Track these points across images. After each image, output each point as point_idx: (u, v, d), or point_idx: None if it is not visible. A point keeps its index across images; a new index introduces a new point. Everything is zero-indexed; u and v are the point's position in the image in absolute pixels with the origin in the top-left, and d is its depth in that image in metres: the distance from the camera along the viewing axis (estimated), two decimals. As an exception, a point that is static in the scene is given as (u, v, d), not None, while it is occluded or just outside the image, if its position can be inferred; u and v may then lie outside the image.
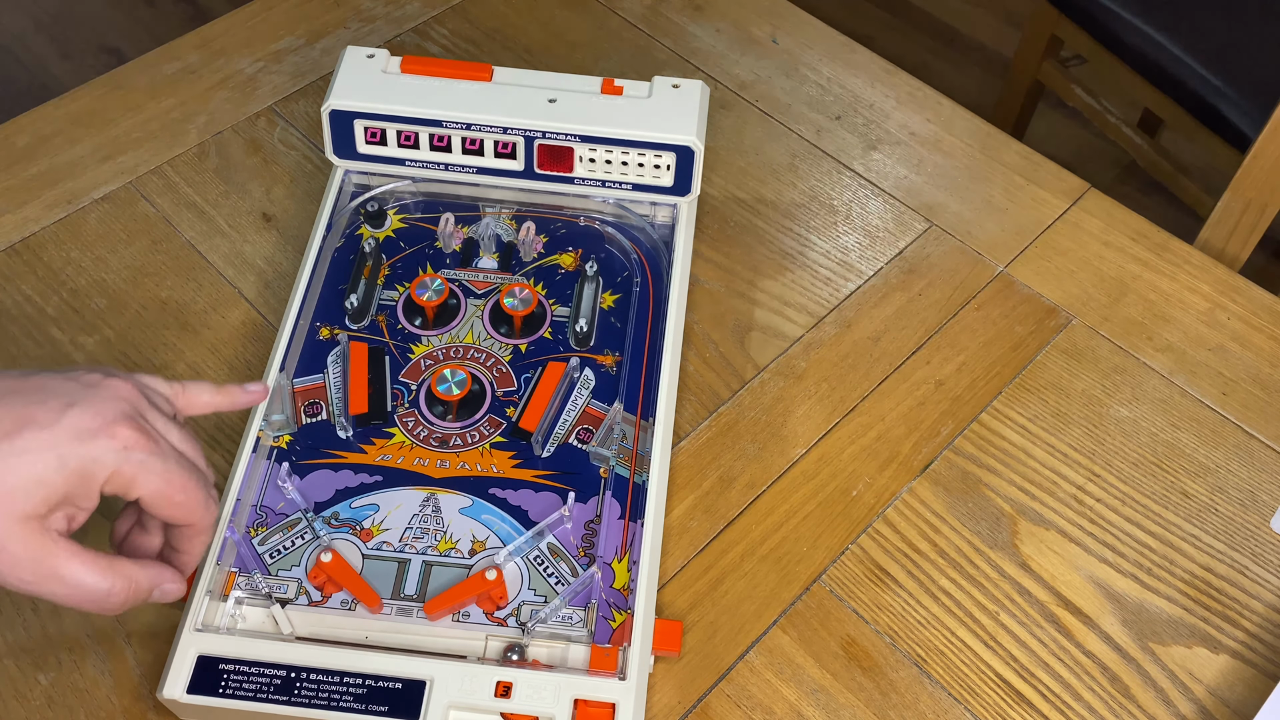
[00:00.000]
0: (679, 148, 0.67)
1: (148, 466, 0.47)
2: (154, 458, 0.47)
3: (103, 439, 0.46)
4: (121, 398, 0.47)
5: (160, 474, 0.47)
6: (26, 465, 0.44)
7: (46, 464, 0.44)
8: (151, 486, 0.47)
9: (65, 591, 0.46)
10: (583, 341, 0.65)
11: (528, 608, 0.55)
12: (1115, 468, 0.64)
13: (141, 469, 0.46)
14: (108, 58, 1.95)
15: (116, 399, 0.47)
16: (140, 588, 0.48)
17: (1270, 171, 0.88)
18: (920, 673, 0.57)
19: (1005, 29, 1.99)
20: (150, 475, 0.47)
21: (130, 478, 0.46)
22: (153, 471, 0.47)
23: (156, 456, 0.47)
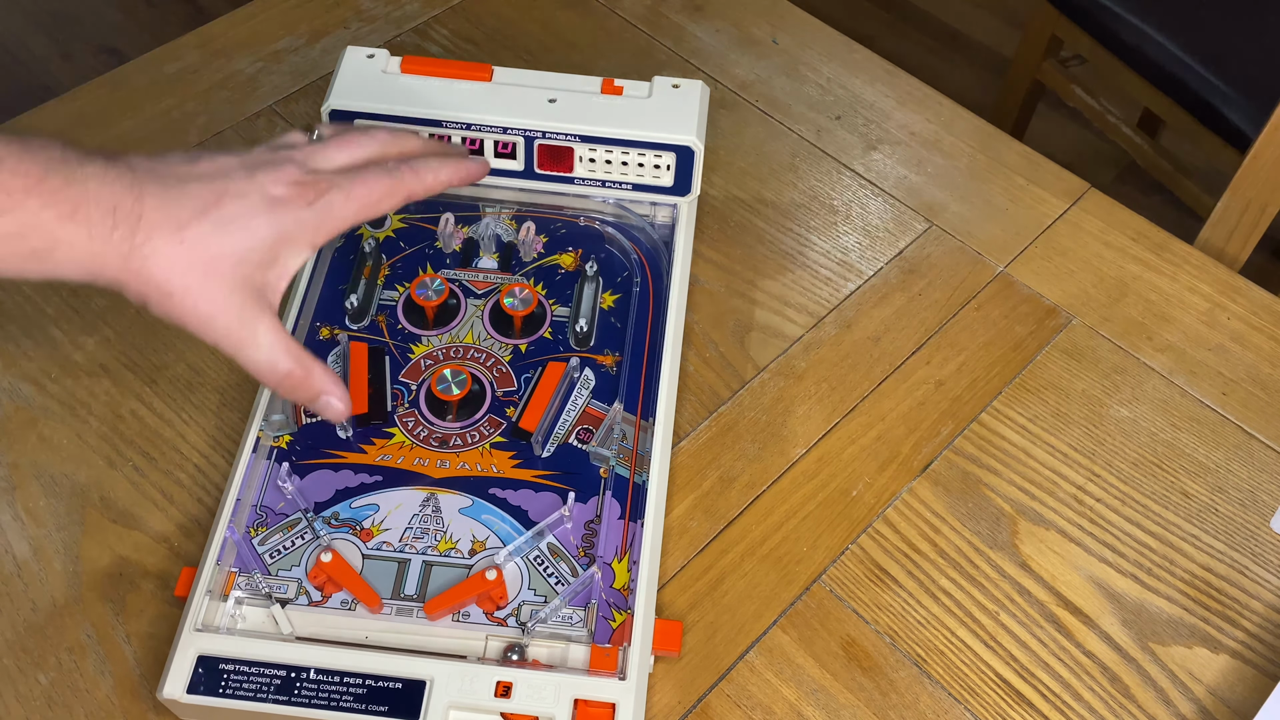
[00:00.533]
0: (679, 148, 0.67)
1: (336, 203, 0.52)
2: (336, 192, 0.52)
3: (293, 201, 0.51)
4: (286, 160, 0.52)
5: (350, 198, 0.52)
6: (237, 231, 0.49)
7: (253, 230, 0.50)
8: (350, 212, 0.52)
9: (255, 356, 0.50)
10: (583, 341, 0.65)
11: (528, 608, 0.55)
12: (1115, 468, 0.64)
13: (332, 207, 0.52)
14: (108, 58, 1.95)
15: (285, 161, 0.52)
16: (313, 386, 0.52)
17: (1270, 171, 0.88)
18: (920, 673, 0.57)
19: (1005, 29, 1.99)
20: (345, 205, 0.52)
21: (330, 219, 0.52)
22: (344, 202, 0.52)
23: (337, 190, 0.52)
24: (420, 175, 0.56)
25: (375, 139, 0.56)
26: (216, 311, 0.49)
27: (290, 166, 0.52)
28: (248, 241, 0.49)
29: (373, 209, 0.53)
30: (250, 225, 0.49)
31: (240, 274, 0.49)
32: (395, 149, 0.57)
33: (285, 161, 0.52)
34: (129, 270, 0.48)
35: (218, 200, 0.49)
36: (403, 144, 0.57)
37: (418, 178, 0.56)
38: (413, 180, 0.55)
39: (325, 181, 0.52)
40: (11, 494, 0.62)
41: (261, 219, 0.50)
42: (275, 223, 0.50)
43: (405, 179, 0.55)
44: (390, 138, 0.57)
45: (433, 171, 0.56)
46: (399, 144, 0.57)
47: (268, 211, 0.50)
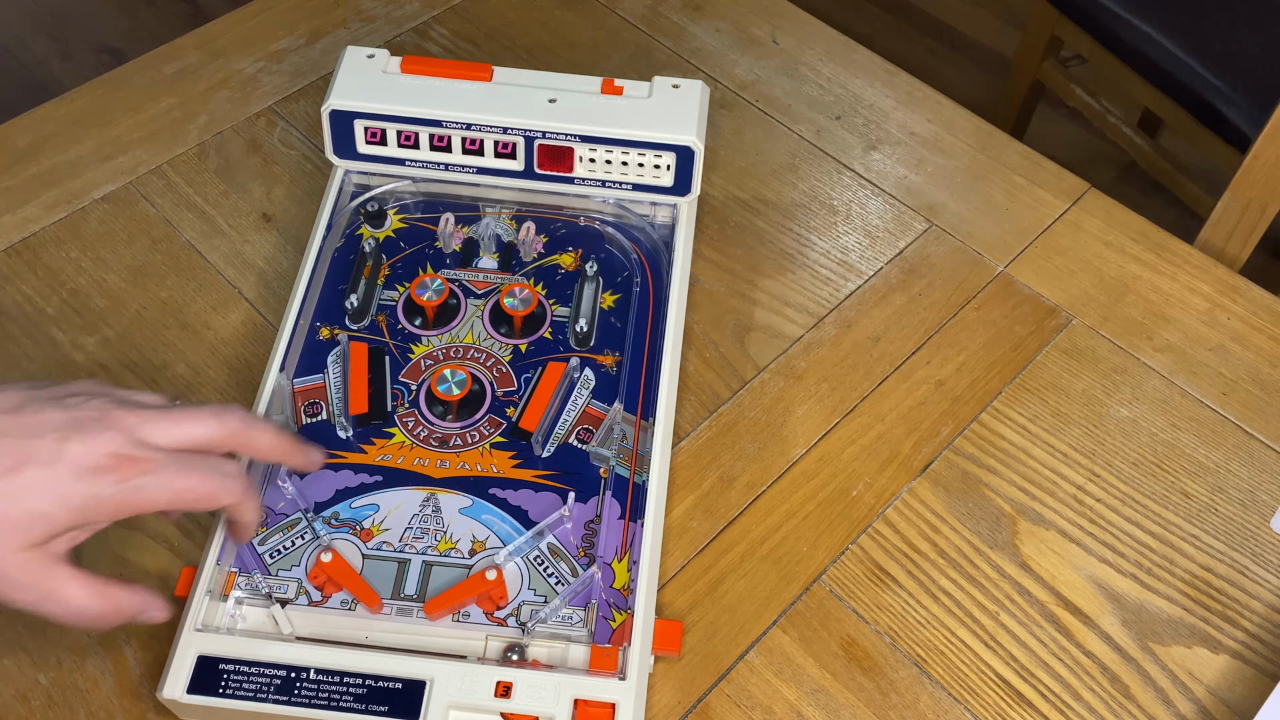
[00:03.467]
0: (679, 148, 0.67)
1: (148, 488, 0.48)
2: (153, 476, 0.48)
3: (102, 475, 0.47)
4: (112, 425, 0.48)
5: (166, 488, 0.48)
6: (30, 501, 0.46)
7: (50, 501, 0.46)
8: (161, 501, 0.48)
9: (60, 611, 0.48)
10: (583, 341, 0.65)
11: (528, 608, 0.55)
12: (1115, 468, 0.64)
13: (143, 492, 0.48)
14: (108, 58, 1.95)
15: (107, 428, 0.48)
16: (126, 612, 0.50)
17: (1270, 171, 0.88)
18: (920, 673, 0.57)
19: (1005, 29, 1.99)
20: (157, 493, 0.48)
21: (137, 503, 0.48)
22: (157, 489, 0.48)
23: (154, 474, 0.48)
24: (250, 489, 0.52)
25: (225, 423, 0.51)
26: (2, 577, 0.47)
27: (113, 435, 0.48)
28: (38, 512, 0.46)
29: (187, 505, 0.50)
30: (46, 497, 0.46)
31: (24, 539, 0.46)
32: (242, 437, 0.52)
33: (110, 428, 0.48)
34: None
35: (18, 466, 0.46)
36: (251, 434, 0.52)
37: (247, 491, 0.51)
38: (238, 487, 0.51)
39: (148, 460, 0.48)
40: (11, 494, 0.62)
41: (60, 491, 0.46)
42: (74, 496, 0.46)
43: (233, 486, 0.50)
44: (241, 424, 0.51)
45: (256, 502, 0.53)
46: (247, 432, 0.52)
47: (71, 482, 0.46)
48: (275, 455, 0.54)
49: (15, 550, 0.46)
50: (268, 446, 0.53)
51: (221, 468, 0.50)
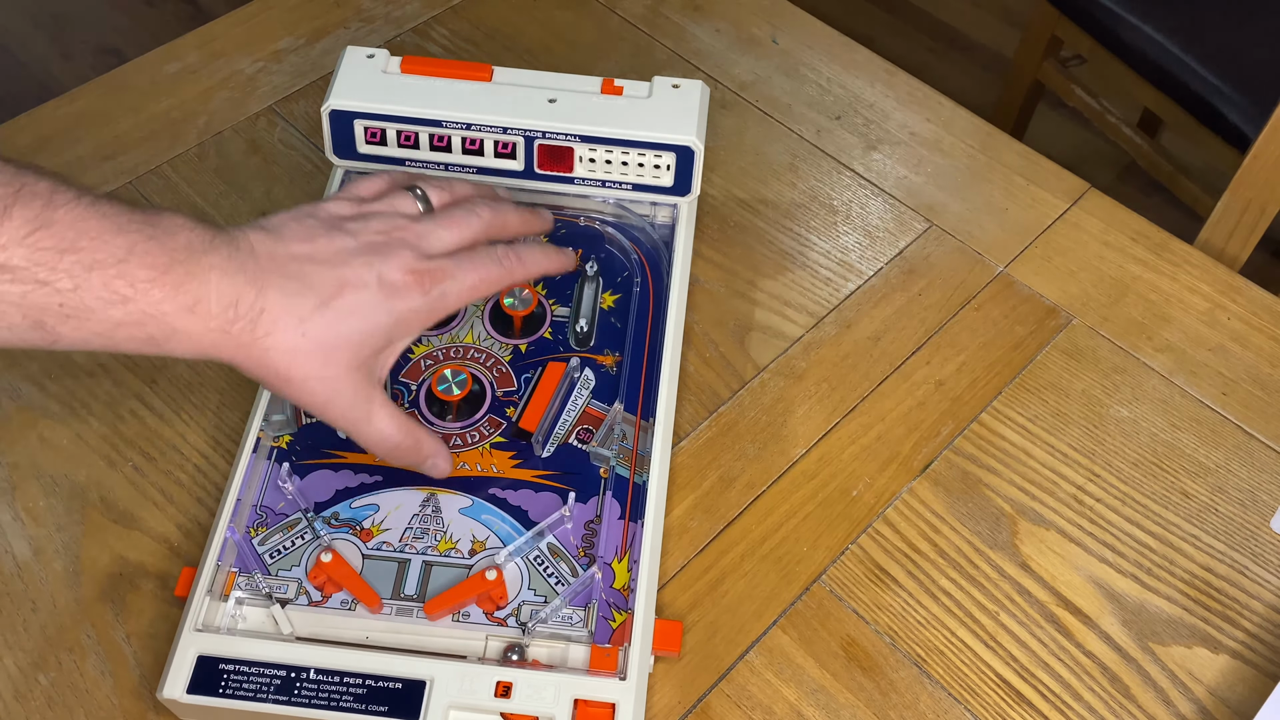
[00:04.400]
0: (679, 148, 0.67)
1: (450, 293, 0.54)
2: (451, 282, 0.54)
3: (409, 290, 0.52)
4: (401, 245, 0.53)
5: (464, 288, 0.54)
6: (356, 321, 0.51)
7: (373, 319, 0.51)
8: (462, 300, 0.55)
9: (371, 435, 0.53)
10: (583, 341, 0.65)
11: (528, 608, 0.55)
12: (1115, 468, 0.64)
13: (446, 298, 0.54)
14: (108, 58, 1.95)
15: (399, 248, 0.53)
16: (422, 452, 0.55)
17: (1270, 171, 0.88)
18: (920, 673, 0.57)
19: (1005, 29, 1.99)
20: (458, 295, 0.54)
21: (442, 308, 0.54)
22: (458, 291, 0.54)
23: (452, 279, 0.54)
24: (525, 263, 0.58)
25: (480, 217, 0.57)
26: (333, 395, 0.51)
27: (406, 253, 0.53)
28: (365, 330, 0.51)
29: (481, 294, 0.56)
30: (368, 314, 0.51)
31: (356, 359, 0.51)
32: (498, 225, 0.58)
33: (400, 246, 0.53)
34: (250, 358, 0.49)
35: (338, 290, 0.50)
36: (503, 219, 0.59)
37: (523, 266, 0.58)
38: (519, 268, 0.57)
39: (440, 270, 0.53)
40: (11, 494, 0.62)
41: (380, 308, 0.51)
42: (392, 310, 0.52)
43: (513, 267, 0.57)
44: (493, 215, 0.58)
45: (535, 260, 0.59)
46: (500, 220, 0.59)
47: (386, 300, 0.52)
48: (523, 228, 0.61)
49: (347, 370, 0.51)
50: (517, 223, 0.61)
51: (497, 253, 0.56)
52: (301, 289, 0.50)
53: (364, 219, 0.54)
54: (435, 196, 0.58)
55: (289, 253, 0.51)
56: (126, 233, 0.46)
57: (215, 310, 0.47)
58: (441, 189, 0.59)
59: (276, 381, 0.50)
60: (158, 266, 0.46)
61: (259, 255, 0.50)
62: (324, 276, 0.50)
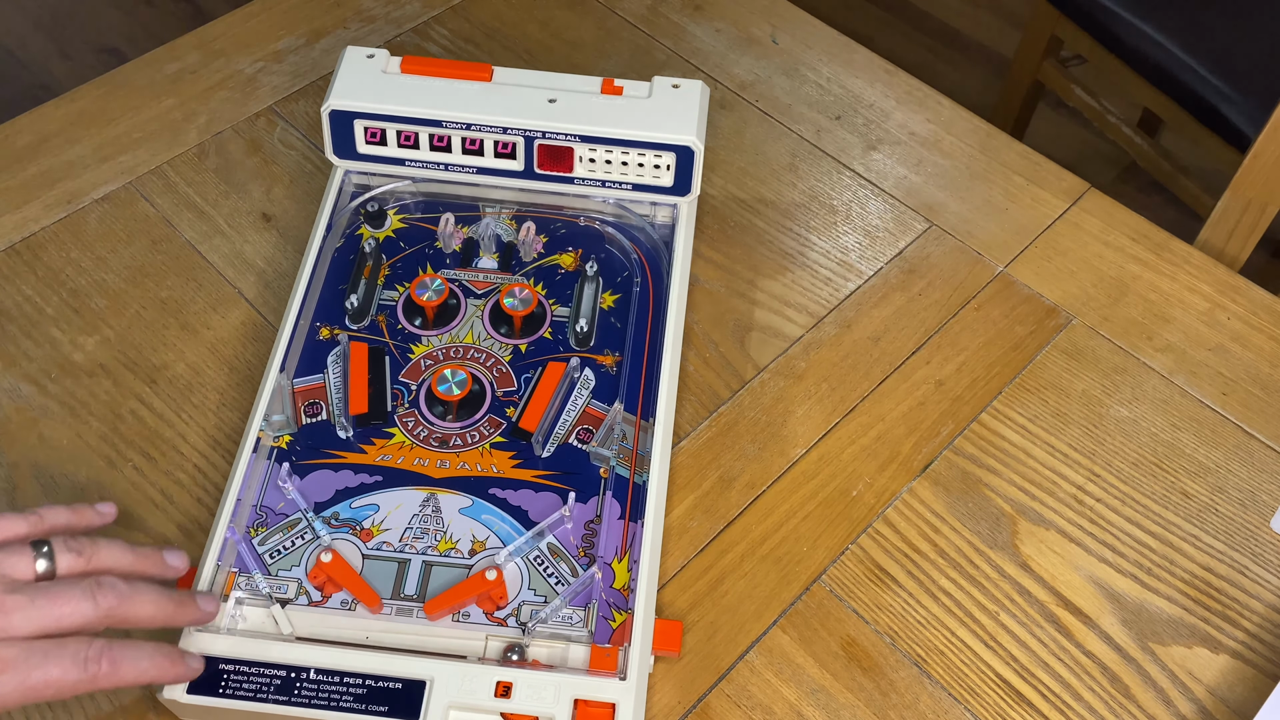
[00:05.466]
0: (679, 148, 0.67)
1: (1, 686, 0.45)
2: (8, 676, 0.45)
3: None
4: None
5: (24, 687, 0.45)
6: None
7: None
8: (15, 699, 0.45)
9: None
10: (583, 341, 0.65)
11: (528, 608, 0.55)
12: (1115, 468, 0.64)
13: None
14: (108, 58, 1.95)
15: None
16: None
17: (1270, 171, 0.88)
18: (920, 673, 0.57)
19: (1005, 29, 1.99)
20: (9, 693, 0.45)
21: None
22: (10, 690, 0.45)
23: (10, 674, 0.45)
24: (118, 671, 0.47)
25: (96, 604, 0.47)
26: None
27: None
28: None
29: (46, 698, 0.46)
30: None
31: None
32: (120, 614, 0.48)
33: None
34: None
35: None
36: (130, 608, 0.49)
37: (114, 673, 0.47)
38: (108, 678, 0.47)
39: (2, 660, 0.45)
40: (11, 494, 0.62)
41: None
42: None
43: (100, 675, 0.47)
44: (117, 602, 0.48)
45: (135, 669, 0.48)
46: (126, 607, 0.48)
47: None
48: (160, 622, 0.50)
49: None
50: (149, 616, 0.50)
51: (85, 653, 0.47)
52: None
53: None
54: (64, 561, 0.49)
55: None
56: None
57: None
58: (79, 554, 0.49)
59: None
60: None
61: None
62: None
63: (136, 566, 0.52)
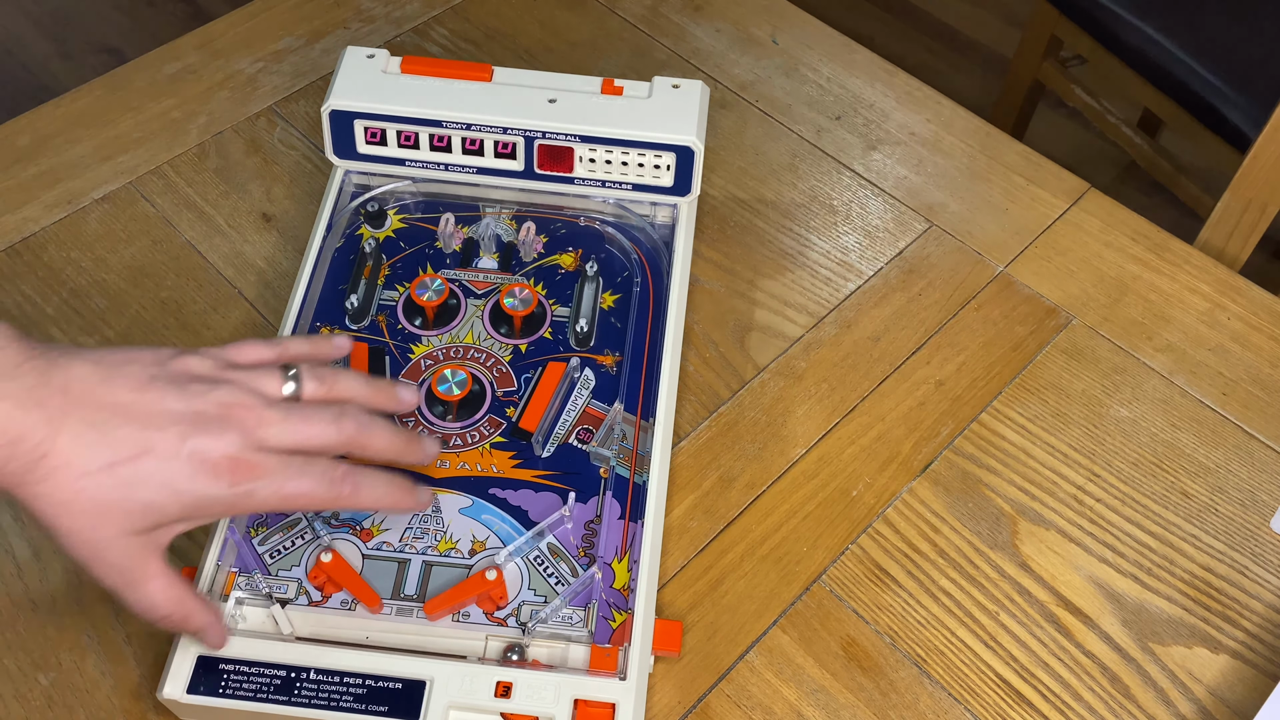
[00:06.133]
0: (679, 148, 0.67)
1: (258, 493, 0.49)
2: (264, 482, 0.49)
3: (217, 476, 0.47)
4: (232, 426, 0.48)
5: (275, 493, 0.49)
6: (145, 491, 0.46)
7: (164, 495, 0.47)
8: (269, 505, 0.50)
9: (135, 601, 0.49)
10: (583, 341, 0.65)
11: (528, 608, 0.55)
12: (1115, 468, 0.64)
13: (252, 497, 0.49)
14: (108, 58, 1.95)
15: (228, 428, 0.48)
16: (192, 624, 0.51)
17: (1270, 171, 0.88)
18: (920, 673, 0.57)
19: (1005, 29, 1.99)
20: (266, 498, 0.49)
21: (245, 506, 0.49)
22: (266, 494, 0.49)
23: (266, 479, 0.49)
24: (359, 494, 0.52)
25: (341, 429, 0.51)
26: (97, 558, 0.47)
27: (233, 435, 0.48)
28: (151, 502, 0.47)
29: (297, 507, 0.52)
30: (162, 488, 0.47)
31: (133, 527, 0.47)
32: (359, 443, 0.52)
33: (231, 427, 0.48)
34: (17, 497, 0.46)
35: (138, 455, 0.46)
36: (369, 438, 0.52)
37: (355, 496, 0.51)
38: (349, 498, 0.51)
39: (258, 467, 0.48)
40: (11, 494, 0.62)
41: (178, 484, 0.47)
42: (190, 491, 0.47)
43: (343, 495, 0.51)
44: (357, 431, 0.52)
45: (373, 494, 0.53)
46: (364, 437, 0.52)
47: (188, 478, 0.47)
48: (390, 455, 0.54)
49: (119, 534, 0.47)
50: (383, 447, 0.53)
51: (331, 472, 0.50)
52: (98, 442, 0.46)
53: (214, 384, 0.49)
54: (310, 387, 0.52)
55: (107, 399, 0.47)
56: None
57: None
58: (321, 381, 0.52)
59: (42, 526, 0.46)
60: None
61: (70, 393, 0.46)
62: (129, 435, 0.46)
63: (373, 398, 0.55)
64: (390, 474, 0.54)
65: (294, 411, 0.50)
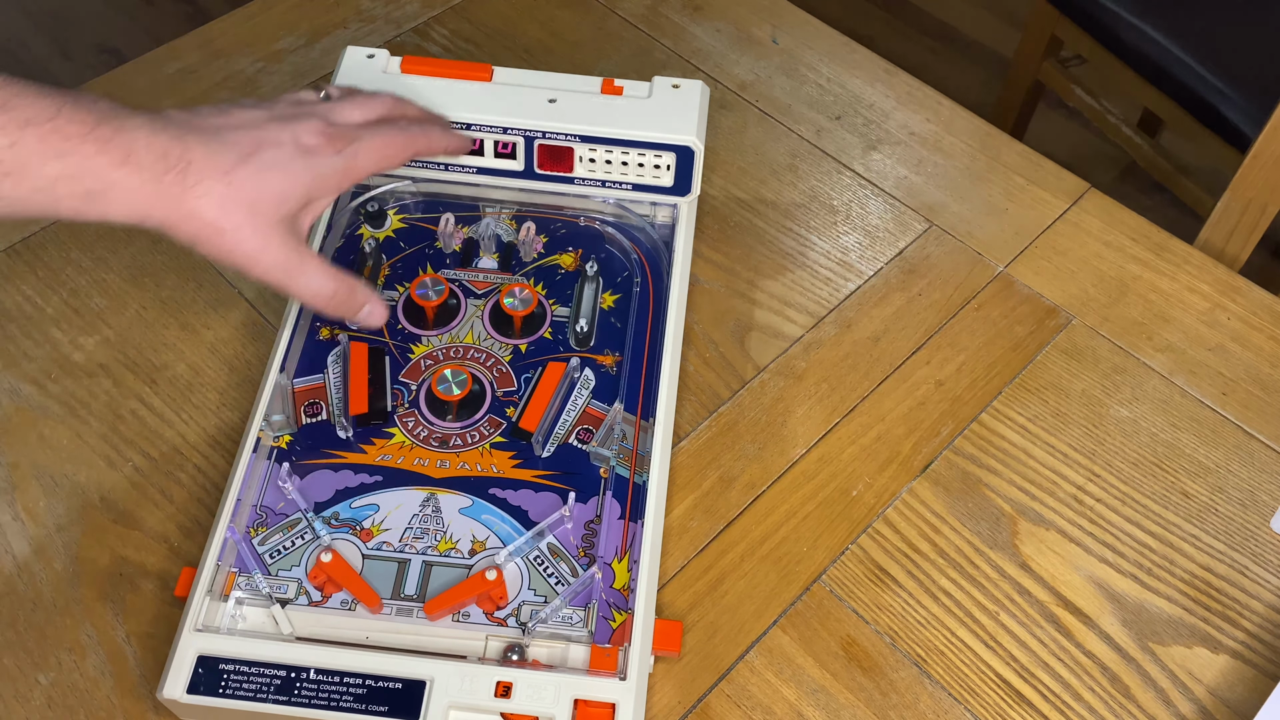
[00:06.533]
0: (679, 148, 0.67)
1: (361, 152, 0.57)
2: (361, 143, 0.58)
3: (322, 150, 0.56)
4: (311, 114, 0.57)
5: (375, 149, 0.58)
6: (274, 177, 0.54)
7: (290, 174, 0.54)
8: (374, 160, 0.58)
9: (303, 286, 0.56)
10: (583, 341, 0.65)
11: (528, 608, 0.55)
12: (1115, 468, 0.64)
13: (358, 156, 0.57)
14: (108, 58, 1.95)
15: (309, 115, 0.57)
16: (356, 300, 0.58)
17: (1270, 171, 0.88)
18: (920, 673, 0.57)
19: (1005, 29, 1.99)
20: (369, 154, 0.58)
21: (356, 168, 0.57)
22: (369, 151, 0.58)
23: (362, 140, 0.58)
24: (428, 135, 0.63)
25: (383, 102, 0.62)
26: (265, 244, 0.54)
27: (316, 120, 0.57)
28: (286, 183, 0.54)
29: (389, 161, 0.59)
30: (288, 169, 0.54)
31: (281, 212, 0.54)
32: (399, 111, 0.62)
33: (310, 115, 0.57)
34: (181, 211, 0.51)
35: (257, 148, 0.54)
36: (404, 108, 0.63)
37: (425, 137, 0.62)
38: (421, 139, 0.62)
39: (350, 133, 0.57)
40: (11, 494, 0.62)
41: (297, 164, 0.55)
42: (309, 168, 0.55)
43: (415, 136, 0.61)
44: (394, 102, 0.62)
45: (436, 136, 0.64)
46: (401, 108, 0.63)
47: (302, 158, 0.55)
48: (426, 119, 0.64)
49: (275, 221, 0.54)
50: (418, 112, 0.64)
51: (398, 125, 0.61)
52: (222, 147, 0.53)
53: (274, 102, 0.59)
54: (337, 93, 0.62)
55: (207, 122, 0.54)
56: (53, 96, 0.49)
57: (146, 162, 0.50)
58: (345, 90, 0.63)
59: (209, 233, 0.52)
60: (87, 123, 0.49)
61: (179, 121, 0.53)
62: (242, 136, 0.54)
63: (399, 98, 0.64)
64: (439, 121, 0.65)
65: (344, 100, 0.61)
